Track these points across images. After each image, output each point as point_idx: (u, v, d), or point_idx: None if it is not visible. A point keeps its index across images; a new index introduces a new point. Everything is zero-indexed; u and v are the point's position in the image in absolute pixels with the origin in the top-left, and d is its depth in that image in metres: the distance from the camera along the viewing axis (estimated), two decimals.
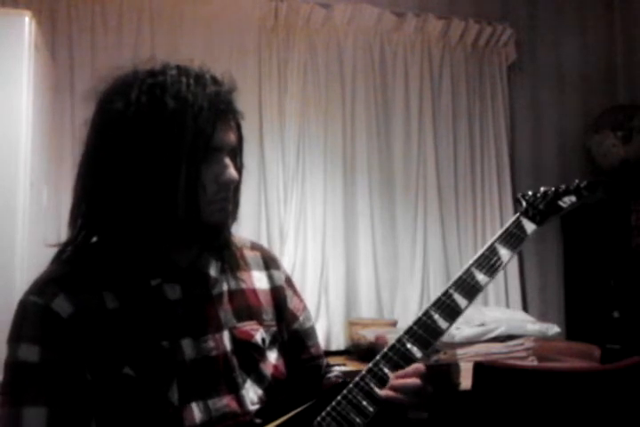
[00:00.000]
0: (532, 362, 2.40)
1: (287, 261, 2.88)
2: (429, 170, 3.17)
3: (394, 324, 2.82)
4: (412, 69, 3.20)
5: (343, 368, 2.44)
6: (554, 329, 2.66)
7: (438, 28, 3.22)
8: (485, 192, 3.26)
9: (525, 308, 3.23)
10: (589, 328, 3.14)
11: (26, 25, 2.03)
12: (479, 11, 3.34)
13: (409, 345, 1.03)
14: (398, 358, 1.02)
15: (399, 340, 1.03)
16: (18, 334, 0.97)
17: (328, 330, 2.93)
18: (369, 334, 2.54)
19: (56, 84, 2.60)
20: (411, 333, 1.04)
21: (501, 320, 2.65)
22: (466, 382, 2.09)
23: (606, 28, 3.58)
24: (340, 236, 3.01)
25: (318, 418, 0.98)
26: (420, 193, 3.15)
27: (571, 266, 3.32)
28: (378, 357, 1.02)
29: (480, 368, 1.85)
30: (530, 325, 2.66)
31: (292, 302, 1.19)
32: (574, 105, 3.47)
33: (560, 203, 1.22)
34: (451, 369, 2.27)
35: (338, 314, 2.97)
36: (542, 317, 3.05)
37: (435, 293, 3.07)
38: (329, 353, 2.79)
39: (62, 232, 2.51)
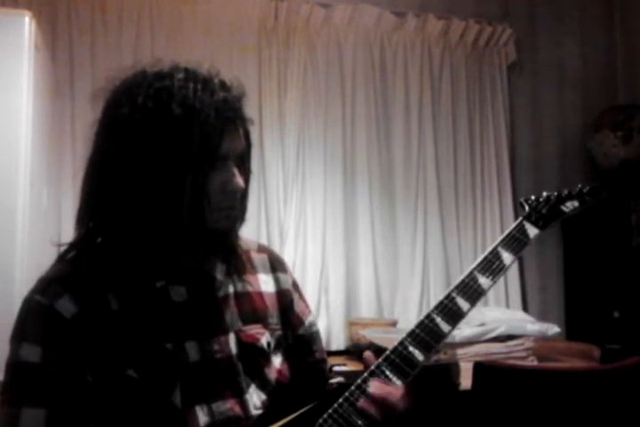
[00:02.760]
0: (532, 362, 2.40)
1: (287, 261, 2.87)
2: (429, 170, 3.17)
3: (394, 324, 2.82)
4: (412, 69, 3.20)
5: (343, 368, 2.44)
6: (554, 329, 2.66)
7: (438, 28, 3.22)
8: (485, 192, 3.26)
9: (525, 308, 3.23)
10: (589, 328, 3.14)
11: (26, 25, 2.03)
12: (479, 11, 3.34)
13: (411, 348, 1.02)
14: (400, 360, 1.02)
15: (401, 343, 1.03)
16: (20, 333, 0.97)
17: (328, 330, 2.92)
18: (369, 334, 2.54)
19: (56, 85, 2.60)
20: (413, 336, 1.03)
21: (501, 320, 2.65)
22: (466, 382, 2.09)
23: (606, 28, 3.58)
24: (339, 236, 3.01)
25: (320, 420, 0.98)
26: (420, 193, 3.15)
27: (571, 266, 3.32)
28: (380, 359, 1.02)
29: (480, 368, 1.85)
30: (530, 325, 2.66)
31: (299, 306, 1.19)
32: (574, 105, 3.47)
33: (563, 207, 1.22)
34: (451, 369, 2.27)
35: (338, 314, 2.97)
36: (542, 317, 3.05)
37: (435, 293, 3.08)
38: (329, 353, 2.78)
39: (62, 232, 2.53)
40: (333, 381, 1.21)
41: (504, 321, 2.63)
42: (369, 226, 3.06)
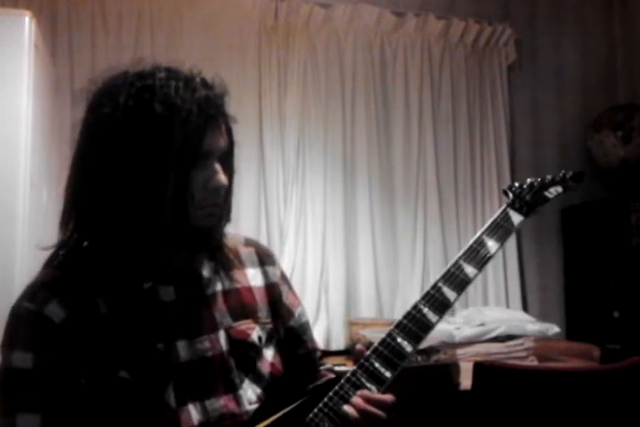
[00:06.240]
0: (531, 362, 2.40)
1: (287, 261, 2.88)
2: (429, 170, 3.17)
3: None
4: (411, 69, 3.20)
5: (343, 368, 2.43)
6: (554, 329, 2.66)
7: (438, 28, 3.22)
8: (485, 192, 3.26)
9: (525, 308, 3.23)
10: (589, 328, 3.14)
11: (26, 25, 2.03)
12: (479, 11, 3.34)
13: (399, 339, 1.02)
14: (389, 352, 1.01)
15: (389, 334, 1.03)
16: (11, 340, 0.96)
17: (328, 330, 2.93)
18: (369, 334, 2.54)
19: (56, 84, 2.60)
20: (401, 327, 1.03)
21: (501, 320, 2.65)
22: (466, 382, 2.09)
23: (606, 28, 3.58)
24: (340, 236, 3.01)
25: (310, 415, 0.98)
26: (419, 193, 3.15)
27: (571, 266, 3.32)
28: (368, 352, 1.02)
29: (480, 368, 1.85)
30: (530, 325, 2.66)
31: (288, 298, 1.19)
32: (574, 105, 3.47)
33: (546, 193, 1.21)
34: (451, 369, 2.27)
35: (338, 314, 2.96)
36: (542, 317, 3.04)
37: None
38: (329, 353, 2.79)
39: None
40: (324, 367, 1.22)
41: (504, 321, 2.63)
42: (369, 226, 3.06)
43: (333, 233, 3.01)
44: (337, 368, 1.67)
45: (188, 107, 0.96)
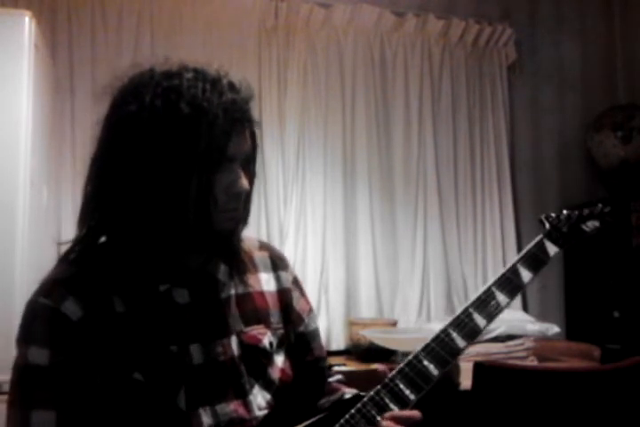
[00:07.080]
0: (532, 362, 2.40)
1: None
2: (429, 170, 3.17)
3: (394, 324, 2.82)
4: (411, 69, 3.20)
5: (343, 368, 2.43)
6: (554, 329, 2.66)
7: (438, 28, 3.22)
8: (485, 192, 3.26)
9: (525, 308, 3.23)
10: (589, 328, 3.14)
11: (26, 25, 2.03)
12: (479, 11, 3.34)
13: (425, 362, 1.02)
14: (414, 374, 1.01)
15: (416, 356, 1.02)
16: (27, 335, 0.96)
17: (328, 330, 2.92)
18: (369, 334, 2.54)
19: (56, 84, 2.60)
20: (428, 350, 1.03)
21: (501, 320, 2.63)
22: (466, 382, 2.09)
23: (606, 28, 3.58)
24: (340, 236, 3.02)
25: None
26: (419, 193, 3.15)
27: (571, 266, 3.32)
28: (394, 372, 1.01)
29: (480, 368, 1.85)
30: (530, 325, 2.66)
31: (299, 304, 1.18)
32: (574, 105, 3.47)
33: (584, 227, 1.23)
34: (451, 369, 2.27)
35: (338, 314, 2.97)
36: (542, 317, 3.05)
37: (435, 293, 3.08)
38: (329, 353, 2.78)
39: (62, 232, 2.52)
40: (332, 379, 1.21)
41: (504, 321, 2.63)
42: (369, 226, 3.06)
43: (333, 233, 3.01)
44: (337, 368, 1.68)
45: (215, 110, 0.95)
